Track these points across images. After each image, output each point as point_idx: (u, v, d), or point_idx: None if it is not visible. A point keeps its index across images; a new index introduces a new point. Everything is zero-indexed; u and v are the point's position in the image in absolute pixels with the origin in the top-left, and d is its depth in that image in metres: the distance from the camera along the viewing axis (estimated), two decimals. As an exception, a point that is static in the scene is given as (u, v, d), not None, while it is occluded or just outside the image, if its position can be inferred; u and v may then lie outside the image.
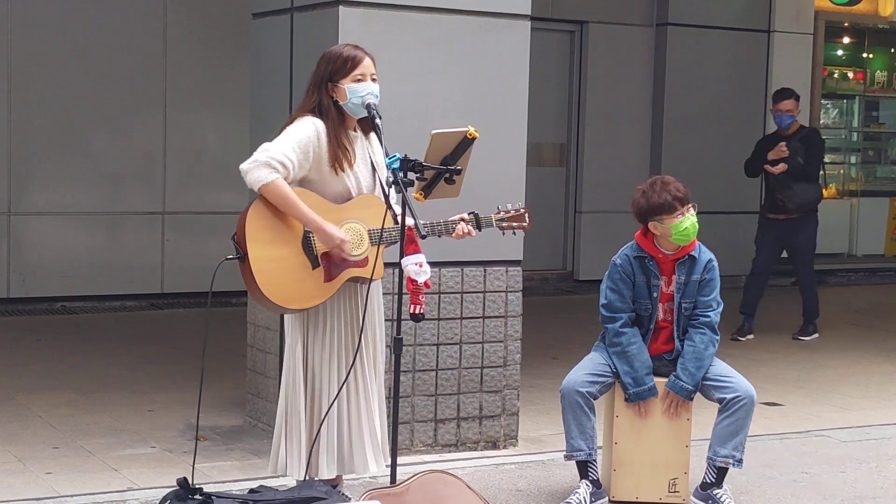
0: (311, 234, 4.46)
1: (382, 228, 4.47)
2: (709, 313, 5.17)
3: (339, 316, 4.60)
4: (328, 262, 4.48)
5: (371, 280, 4.57)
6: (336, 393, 4.55)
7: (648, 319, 5.18)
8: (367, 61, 4.57)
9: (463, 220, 4.69)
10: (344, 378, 4.56)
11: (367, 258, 4.52)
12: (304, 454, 4.59)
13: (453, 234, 4.68)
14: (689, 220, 5.08)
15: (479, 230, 4.75)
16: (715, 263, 5.23)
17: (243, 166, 4.41)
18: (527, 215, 4.85)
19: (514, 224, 4.83)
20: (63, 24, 9.80)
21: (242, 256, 4.39)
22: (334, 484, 4.72)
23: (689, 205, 5.09)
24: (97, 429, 6.20)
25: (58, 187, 9.90)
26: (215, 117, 10.41)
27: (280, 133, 4.53)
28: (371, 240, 4.52)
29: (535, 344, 8.16)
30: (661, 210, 5.06)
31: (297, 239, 4.46)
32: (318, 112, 4.54)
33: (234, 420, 6.40)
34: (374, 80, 4.57)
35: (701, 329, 5.15)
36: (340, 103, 4.54)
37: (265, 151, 4.41)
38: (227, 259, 4.47)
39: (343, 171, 4.52)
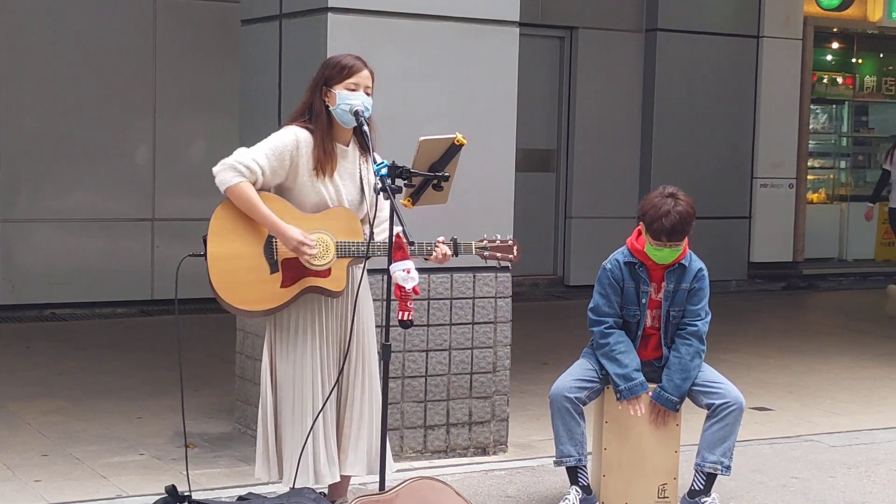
0: (274, 239, 4.47)
1: (370, 242, 4.46)
2: (696, 322, 5.16)
3: (307, 325, 4.57)
4: (288, 268, 4.48)
5: (335, 293, 4.53)
6: (322, 404, 4.54)
7: (637, 326, 5.18)
8: (364, 73, 4.58)
9: (443, 242, 4.65)
10: (314, 387, 4.56)
11: (330, 269, 4.50)
12: (273, 460, 4.61)
13: (431, 257, 4.63)
14: (663, 252, 5.05)
15: (456, 256, 4.69)
16: (705, 273, 5.20)
17: (214, 168, 4.46)
18: (515, 248, 4.76)
19: (499, 255, 4.74)
20: (52, 30, 9.79)
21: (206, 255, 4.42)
22: (334, 499, 4.71)
23: (675, 243, 5.04)
24: (86, 436, 6.19)
25: (47, 194, 9.89)
26: (205, 123, 10.40)
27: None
28: (338, 252, 4.51)
29: (526, 349, 8.16)
30: (648, 227, 5.05)
31: (259, 242, 4.47)
32: (309, 115, 4.55)
33: (223, 427, 6.39)
34: (367, 93, 4.57)
35: (688, 340, 5.14)
36: (330, 108, 4.55)
37: (235, 155, 4.46)
38: (190, 256, 4.49)
39: (322, 179, 4.52)
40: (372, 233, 4.48)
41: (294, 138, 4.50)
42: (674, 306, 5.15)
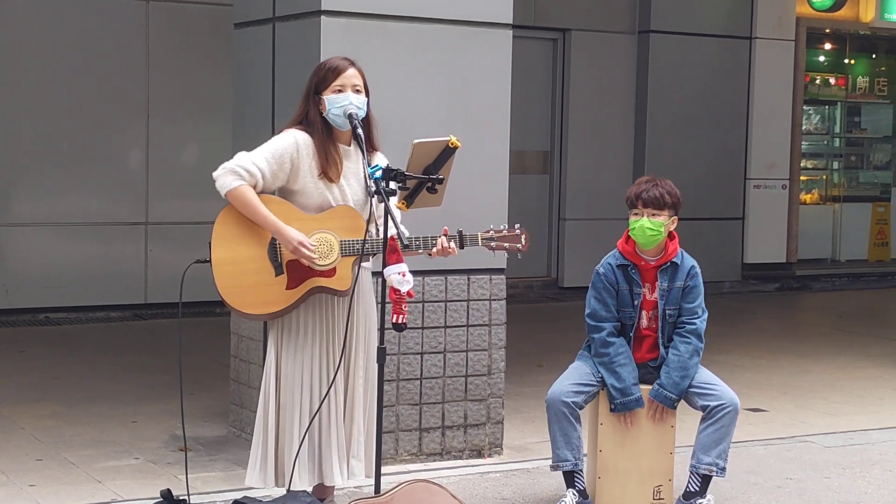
0: (277, 241, 4.46)
1: (364, 240, 4.44)
2: (695, 320, 5.17)
3: (314, 326, 4.57)
4: (293, 270, 4.47)
5: (342, 292, 4.51)
6: (318, 405, 4.53)
7: (631, 328, 5.18)
8: (349, 71, 4.56)
9: (445, 235, 4.59)
10: (322, 390, 4.55)
11: (335, 269, 4.49)
12: (270, 465, 4.59)
13: (432, 252, 4.57)
14: (640, 222, 5.07)
15: (462, 248, 4.62)
16: (698, 270, 5.23)
17: (215, 173, 4.49)
18: (523, 236, 4.70)
19: (506, 245, 4.66)
20: (44, 33, 9.78)
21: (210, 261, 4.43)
22: (322, 497, 4.71)
23: (651, 210, 5.06)
24: (81, 440, 6.18)
25: (41, 198, 9.87)
26: (198, 127, 10.39)
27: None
28: (342, 251, 4.51)
29: (520, 351, 8.16)
30: (627, 200, 5.13)
31: (262, 245, 4.47)
32: (307, 124, 4.56)
33: (218, 430, 6.38)
34: (356, 91, 4.55)
35: (686, 338, 5.15)
36: (323, 115, 4.55)
37: (236, 159, 4.48)
38: (196, 262, 4.50)
39: (327, 182, 4.52)
40: (379, 228, 4.46)
41: (293, 141, 4.50)
42: (670, 305, 5.16)
